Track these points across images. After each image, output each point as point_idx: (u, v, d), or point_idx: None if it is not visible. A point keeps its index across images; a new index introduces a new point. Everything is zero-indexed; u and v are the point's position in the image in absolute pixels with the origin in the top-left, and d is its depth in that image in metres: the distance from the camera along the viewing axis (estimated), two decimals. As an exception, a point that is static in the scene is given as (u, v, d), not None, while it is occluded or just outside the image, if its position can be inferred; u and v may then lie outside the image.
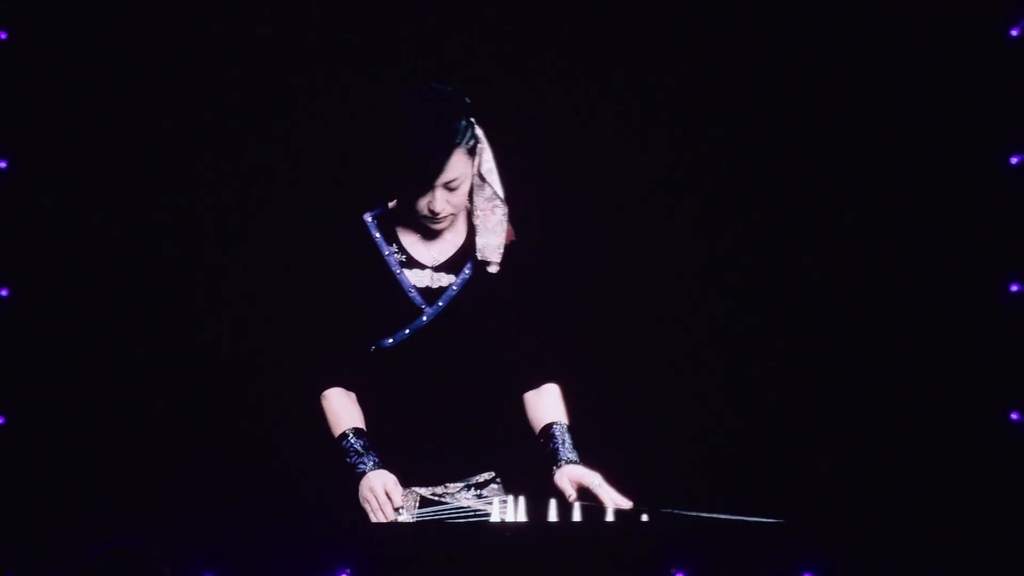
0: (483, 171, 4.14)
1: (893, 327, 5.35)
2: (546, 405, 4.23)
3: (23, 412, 5.25)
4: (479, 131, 4.14)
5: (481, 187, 4.15)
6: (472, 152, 4.10)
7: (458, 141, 4.03)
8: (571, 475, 4.06)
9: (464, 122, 4.06)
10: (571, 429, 4.18)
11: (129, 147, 5.31)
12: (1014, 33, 5.30)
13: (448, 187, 4.05)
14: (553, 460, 4.11)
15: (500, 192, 4.17)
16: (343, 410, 4.19)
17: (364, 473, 4.06)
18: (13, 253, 5.28)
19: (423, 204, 4.07)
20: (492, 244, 4.17)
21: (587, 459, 4.15)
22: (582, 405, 4.31)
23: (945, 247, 5.33)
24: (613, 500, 3.97)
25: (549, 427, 4.17)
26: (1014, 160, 5.33)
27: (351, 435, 4.12)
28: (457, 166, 4.04)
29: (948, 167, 5.33)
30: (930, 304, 5.33)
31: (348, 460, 4.09)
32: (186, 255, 5.32)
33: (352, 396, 4.22)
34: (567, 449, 4.13)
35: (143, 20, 5.29)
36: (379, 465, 4.08)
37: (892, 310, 5.35)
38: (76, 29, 5.26)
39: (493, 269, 4.17)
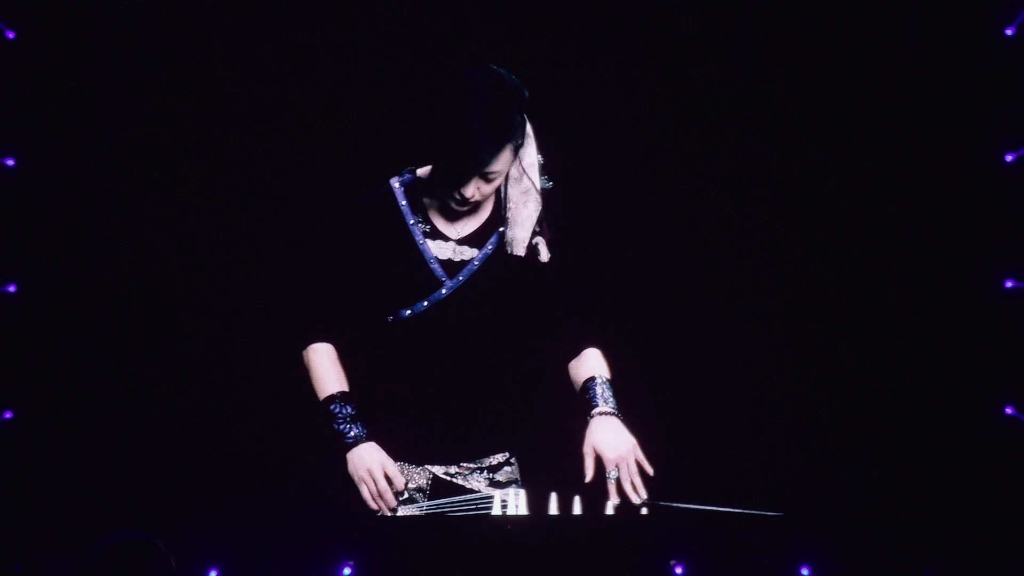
0: (524, 164, 4.04)
1: (889, 323, 5.37)
2: (587, 366, 4.14)
3: (31, 407, 5.29)
4: (528, 125, 4.02)
5: (519, 179, 4.06)
6: (518, 147, 3.99)
7: (510, 139, 3.94)
8: (595, 442, 3.99)
9: (520, 117, 3.96)
10: (612, 383, 4.10)
11: (135, 144, 5.33)
12: (1009, 32, 5.33)
13: (486, 178, 3.96)
14: (587, 410, 4.05)
15: (537, 186, 4.07)
16: (333, 370, 4.09)
17: (352, 444, 3.99)
18: (21, 250, 5.32)
19: (455, 186, 3.97)
20: (519, 237, 4.08)
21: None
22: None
23: (941, 243, 5.36)
24: (624, 489, 3.93)
25: (589, 380, 4.09)
26: (1009, 157, 5.36)
27: (340, 399, 4.04)
28: (501, 160, 3.95)
29: (944, 164, 5.35)
30: (926, 300, 5.35)
31: (335, 426, 4.01)
32: (192, 252, 5.35)
33: (335, 355, 4.12)
34: (603, 399, 4.05)
35: (149, 18, 5.32)
36: (366, 436, 4.00)
37: (888, 306, 5.37)
38: (83, 29, 5.29)
39: (519, 252, 4.07)
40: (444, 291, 4.08)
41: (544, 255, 4.11)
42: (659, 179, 5.42)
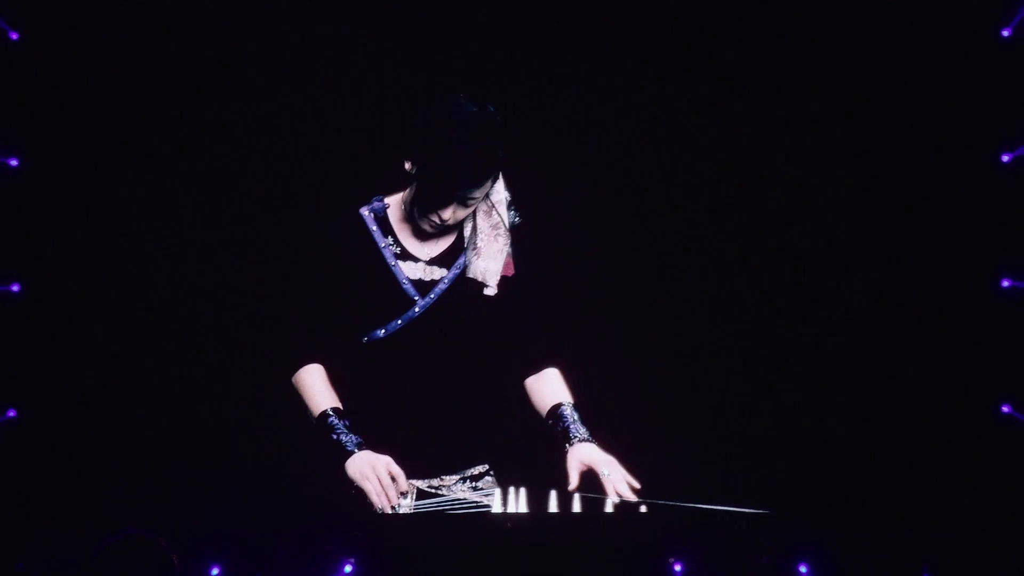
0: (494, 200, 4.17)
1: (887, 322, 5.38)
2: (550, 387, 4.23)
3: (34, 406, 5.29)
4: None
5: (489, 212, 4.18)
6: (496, 176, 4.12)
7: (492, 166, 4.05)
8: (582, 458, 4.05)
9: (501, 147, 4.06)
10: (578, 407, 4.17)
11: (136, 145, 5.34)
12: (1006, 33, 5.34)
13: (464, 203, 4.06)
14: (565, 439, 4.10)
15: (506, 222, 4.18)
16: (323, 388, 4.17)
17: (351, 453, 4.04)
18: (24, 249, 5.33)
19: (433, 209, 4.07)
20: (491, 269, 4.18)
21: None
22: (577, 396, 4.29)
23: (938, 243, 5.36)
24: (618, 490, 3.97)
25: (557, 407, 4.16)
26: (1006, 158, 5.38)
27: (333, 414, 4.11)
28: (482, 190, 4.08)
29: (941, 164, 5.35)
30: (923, 299, 5.36)
31: (333, 438, 4.08)
32: (193, 251, 5.35)
33: (325, 375, 4.21)
34: (578, 426, 4.11)
35: (150, 20, 5.32)
36: (363, 446, 4.06)
37: (886, 305, 5.38)
38: (85, 30, 5.29)
39: (490, 292, 4.18)
40: (417, 310, 4.18)
41: (493, 289, 4.20)
42: (639, 182, 5.43)
